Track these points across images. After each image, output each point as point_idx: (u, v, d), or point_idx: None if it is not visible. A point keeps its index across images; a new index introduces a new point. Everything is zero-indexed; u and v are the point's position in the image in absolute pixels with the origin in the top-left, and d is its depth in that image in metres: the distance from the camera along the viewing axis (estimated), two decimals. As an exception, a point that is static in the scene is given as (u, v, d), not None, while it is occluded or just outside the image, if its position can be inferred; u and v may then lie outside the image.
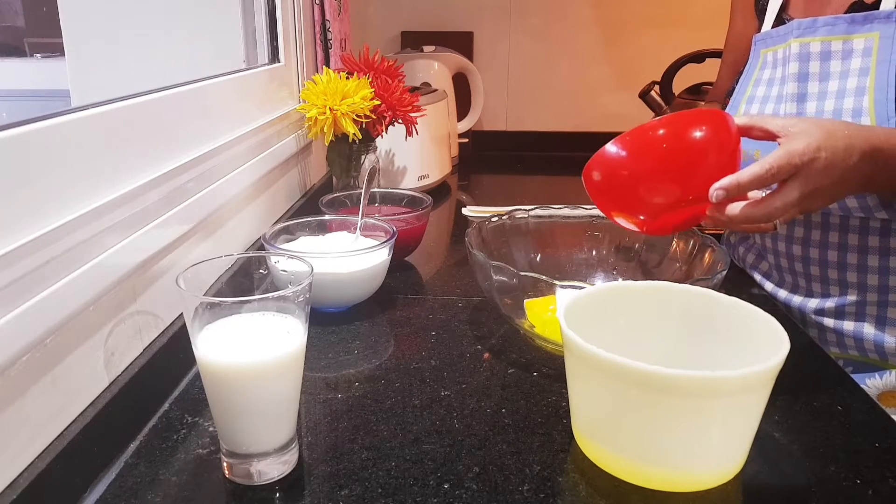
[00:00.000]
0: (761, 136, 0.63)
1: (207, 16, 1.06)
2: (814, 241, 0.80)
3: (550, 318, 0.66)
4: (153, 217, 0.61)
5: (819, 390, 0.63)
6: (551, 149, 1.80)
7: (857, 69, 0.73)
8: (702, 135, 0.62)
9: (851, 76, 0.73)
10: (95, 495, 0.49)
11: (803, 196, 0.59)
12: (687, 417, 0.47)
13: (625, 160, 0.64)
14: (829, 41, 0.75)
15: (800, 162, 0.58)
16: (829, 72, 0.75)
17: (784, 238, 0.83)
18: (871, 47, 0.72)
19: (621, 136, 0.65)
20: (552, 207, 0.87)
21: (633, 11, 1.74)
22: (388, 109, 1.08)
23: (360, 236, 0.85)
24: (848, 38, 0.74)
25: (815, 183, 0.59)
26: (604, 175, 0.65)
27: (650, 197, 0.63)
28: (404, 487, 0.50)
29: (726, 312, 0.56)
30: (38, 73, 1.95)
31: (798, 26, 0.78)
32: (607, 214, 0.68)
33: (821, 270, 0.80)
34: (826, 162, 0.59)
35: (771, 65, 0.83)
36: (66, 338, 0.50)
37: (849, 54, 0.74)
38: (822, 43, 0.75)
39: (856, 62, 0.73)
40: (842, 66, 0.74)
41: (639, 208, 0.64)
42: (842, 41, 0.74)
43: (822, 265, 0.80)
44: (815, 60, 0.76)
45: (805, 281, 0.83)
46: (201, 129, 0.76)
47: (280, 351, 0.49)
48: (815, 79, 0.76)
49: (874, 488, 0.50)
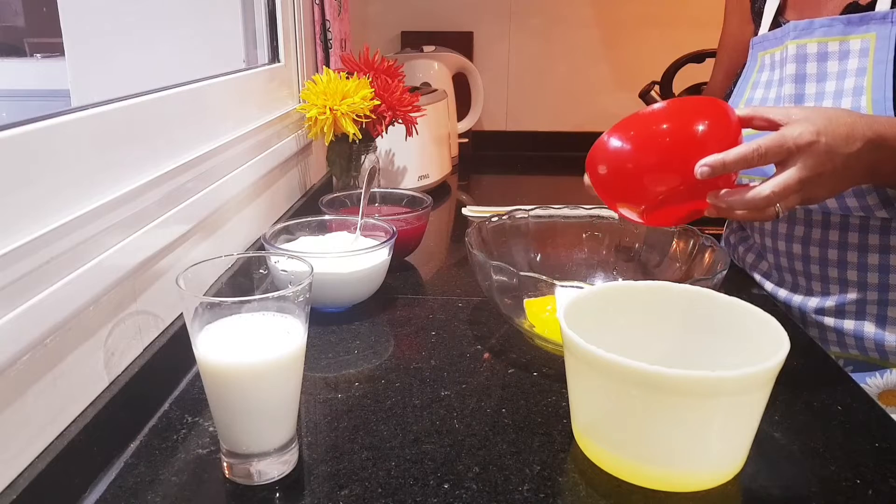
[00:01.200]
0: (763, 125, 0.63)
1: (207, 16, 1.06)
2: (814, 240, 0.80)
3: (550, 318, 0.66)
4: (153, 217, 0.61)
5: (819, 390, 0.63)
6: (551, 149, 1.81)
7: (854, 69, 0.73)
8: (703, 127, 0.62)
9: (849, 77, 0.74)
10: (95, 495, 0.49)
11: (803, 181, 0.59)
12: (687, 417, 0.47)
13: (628, 153, 0.64)
14: (825, 42, 0.75)
15: (793, 145, 0.58)
16: (826, 73, 0.76)
17: (784, 236, 0.83)
18: (867, 48, 0.72)
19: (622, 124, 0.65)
20: (552, 207, 0.87)
21: (633, 11, 1.74)
22: (388, 109, 1.08)
23: (360, 236, 0.85)
24: (845, 39, 0.74)
25: (816, 168, 0.59)
26: (607, 166, 0.65)
27: (652, 187, 0.63)
28: (404, 487, 0.50)
29: (726, 312, 0.56)
30: (38, 73, 1.95)
31: (794, 28, 0.78)
32: (610, 206, 0.68)
33: (821, 269, 0.80)
34: (826, 147, 0.58)
35: (769, 67, 0.83)
36: (66, 338, 0.50)
37: (846, 55, 0.74)
38: (818, 44, 0.76)
39: (853, 63, 0.74)
40: (839, 66, 0.75)
41: (641, 199, 0.64)
42: (838, 42, 0.74)
43: (822, 264, 0.80)
44: (812, 62, 0.76)
45: (805, 280, 0.83)
46: (201, 129, 0.76)
47: (280, 351, 0.49)
48: (813, 80, 0.77)
49: (874, 488, 0.50)
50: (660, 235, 0.82)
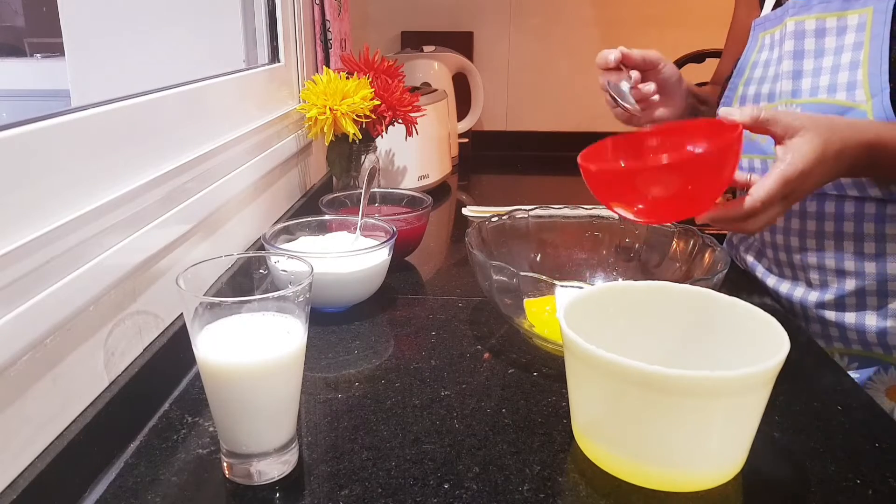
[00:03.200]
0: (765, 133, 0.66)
1: (207, 16, 1.06)
2: (810, 231, 0.80)
3: (549, 318, 0.66)
4: (153, 217, 0.61)
5: (819, 390, 0.63)
6: (551, 149, 1.80)
7: (850, 44, 0.74)
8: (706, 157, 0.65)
9: (846, 52, 0.75)
10: (95, 495, 0.49)
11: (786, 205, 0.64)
12: (687, 417, 0.47)
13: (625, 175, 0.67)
14: (823, 18, 0.76)
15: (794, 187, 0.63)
16: (823, 48, 0.77)
17: (781, 230, 0.84)
18: (864, 22, 0.73)
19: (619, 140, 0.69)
20: (552, 207, 0.87)
21: (633, 11, 1.74)
22: (388, 109, 1.08)
23: (360, 236, 0.85)
24: (842, 15, 0.75)
25: (802, 194, 0.65)
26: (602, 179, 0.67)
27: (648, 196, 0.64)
28: (404, 487, 0.50)
29: (726, 312, 0.56)
30: (38, 73, 1.95)
31: (794, 5, 0.79)
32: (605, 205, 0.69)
33: (818, 260, 0.81)
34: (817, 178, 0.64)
35: (768, 47, 0.84)
36: (66, 338, 0.50)
37: (843, 31, 0.75)
38: (816, 20, 0.77)
39: (850, 37, 0.75)
40: (836, 42, 0.76)
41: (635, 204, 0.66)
42: (836, 18, 0.76)
43: (818, 255, 0.80)
44: (809, 38, 0.78)
45: (803, 273, 0.83)
46: (201, 129, 0.76)
47: (280, 351, 0.49)
48: (811, 56, 0.78)
49: (874, 488, 0.50)
50: (660, 235, 0.82)
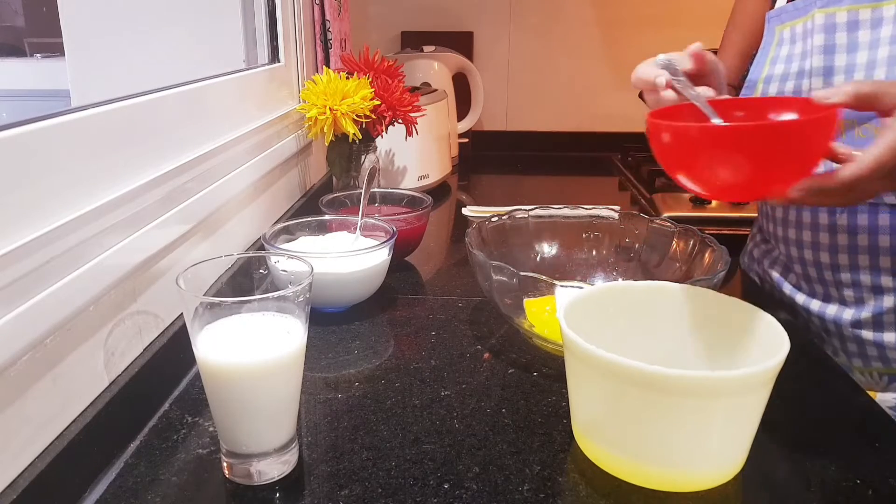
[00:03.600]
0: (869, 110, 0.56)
1: (207, 16, 1.06)
2: (841, 247, 0.75)
3: (549, 318, 0.66)
4: (153, 217, 0.60)
5: (819, 390, 0.63)
6: (551, 149, 1.80)
7: (887, 38, 0.69)
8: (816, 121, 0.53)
9: (882, 45, 0.69)
10: (95, 495, 0.49)
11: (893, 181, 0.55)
12: (687, 417, 0.47)
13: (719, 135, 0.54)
14: (856, 10, 0.71)
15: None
16: (857, 42, 0.71)
17: (809, 245, 0.78)
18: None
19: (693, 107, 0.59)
20: (552, 207, 0.87)
21: (633, 11, 1.74)
22: (388, 109, 1.08)
23: (360, 236, 0.85)
24: (877, 6, 0.70)
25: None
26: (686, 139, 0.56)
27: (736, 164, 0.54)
28: (404, 487, 0.50)
29: (726, 312, 0.56)
30: (38, 73, 1.95)
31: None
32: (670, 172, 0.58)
33: (852, 276, 0.76)
34: None
35: (788, 41, 0.78)
36: (66, 338, 0.50)
37: (878, 23, 0.70)
38: (848, 13, 0.71)
39: (886, 30, 0.69)
40: (871, 35, 0.70)
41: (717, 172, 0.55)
42: (870, 9, 0.70)
43: (853, 271, 0.75)
44: (841, 31, 0.72)
45: (836, 290, 0.78)
46: (201, 129, 0.76)
47: (280, 351, 0.49)
48: (843, 50, 0.72)
49: (874, 488, 0.50)
50: (660, 235, 0.82)
